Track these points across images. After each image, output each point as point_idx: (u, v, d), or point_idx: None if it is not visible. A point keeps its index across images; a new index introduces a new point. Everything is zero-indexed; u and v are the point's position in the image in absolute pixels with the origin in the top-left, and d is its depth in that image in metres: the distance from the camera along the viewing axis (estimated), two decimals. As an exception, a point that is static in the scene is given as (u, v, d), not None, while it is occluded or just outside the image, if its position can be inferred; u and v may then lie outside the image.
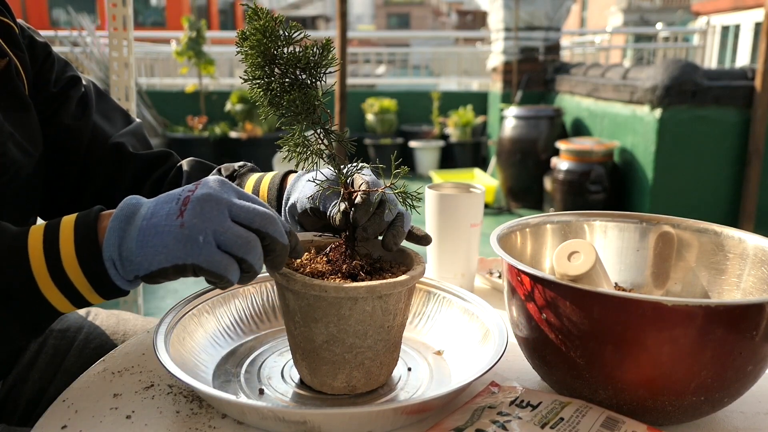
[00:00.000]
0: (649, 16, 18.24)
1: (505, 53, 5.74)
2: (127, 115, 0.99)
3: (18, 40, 0.83)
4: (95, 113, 0.92)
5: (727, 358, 0.58)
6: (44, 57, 0.89)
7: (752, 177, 3.82)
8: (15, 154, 0.79)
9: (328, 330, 0.65)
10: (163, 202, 0.59)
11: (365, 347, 0.66)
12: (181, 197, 0.59)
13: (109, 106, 0.96)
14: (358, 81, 8.57)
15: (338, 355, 0.66)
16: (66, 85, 0.90)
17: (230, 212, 0.58)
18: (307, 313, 0.65)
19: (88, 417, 0.64)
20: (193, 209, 0.57)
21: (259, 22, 0.63)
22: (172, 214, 0.58)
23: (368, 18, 37.81)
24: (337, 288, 0.63)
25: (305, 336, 0.67)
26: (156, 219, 0.58)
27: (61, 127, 0.88)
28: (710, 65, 8.75)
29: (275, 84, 0.65)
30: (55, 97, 0.89)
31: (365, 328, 0.65)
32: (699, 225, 0.81)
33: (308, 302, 0.64)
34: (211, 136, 6.33)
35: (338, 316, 0.64)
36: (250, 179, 0.88)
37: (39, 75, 0.88)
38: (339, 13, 4.40)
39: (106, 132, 0.92)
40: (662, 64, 3.88)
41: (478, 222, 1.02)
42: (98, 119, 0.92)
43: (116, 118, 0.96)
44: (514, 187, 5.12)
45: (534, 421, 0.59)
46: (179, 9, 12.44)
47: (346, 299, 0.63)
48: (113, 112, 0.97)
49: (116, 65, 1.92)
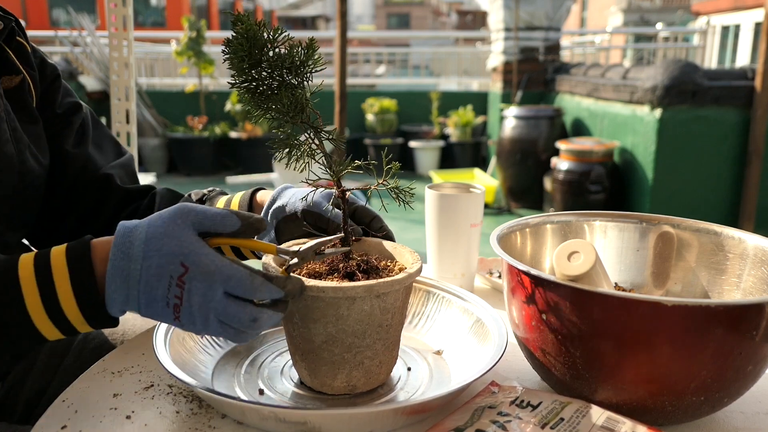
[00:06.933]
0: (649, 16, 18.24)
1: (505, 53, 5.74)
2: (119, 145, 1.02)
3: (30, 60, 0.88)
4: (90, 143, 0.95)
5: (727, 358, 0.58)
6: (53, 78, 0.93)
7: (752, 177, 3.81)
8: (32, 163, 0.84)
9: (326, 330, 0.65)
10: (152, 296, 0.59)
11: (364, 346, 0.66)
12: (170, 303, 0.59)
13: (102, 135, 1.00)
14: (358, 81, 8.57)
15: (337, 355, 0.66)
16: (69, 110, 0.94)
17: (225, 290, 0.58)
18: (305, 315, 0.65)
19: (88, 417, 0.64)
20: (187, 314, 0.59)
21: (242, 26, 0.63)
22: (167, 317, 0.60)
23: (368, 18, 37.81)
24: (335, 288, 0.63)
25: (304, 337, 0.67)
26: (150, 311, 0.60)
27: (61, 152, 0.91)
28: (710, 65, 8.75)
29: (262, 86, 0.66)
30: (59, 119, 0.92)
31: (364, 328, 0.65)
32: (699, 225, 0.81)
33: (306, 303, 0.64)
34: (211, 136, 6.33)
35: (336, 316, 0.64)
36: (219, 201, 0.91)
37: (46, 94, 0.91)
38: (339, 13, 4.40)
39: (98, 163, 0.95)
40: (662, 64, 3.88)
41: (478, 222, 1.02)
42: (92, 149, 0.95)
43: (108, 148, 1.00)
44: (514, 187, 5.12)
45: (534, 421, 0.59)
46: (179, 9, 12.44)
47: (343, 299, 0.63)
48: (106, 142, 1.00)
49: (116, 65, 1.92)
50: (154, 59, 7.71)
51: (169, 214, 0.61)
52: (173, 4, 12.89)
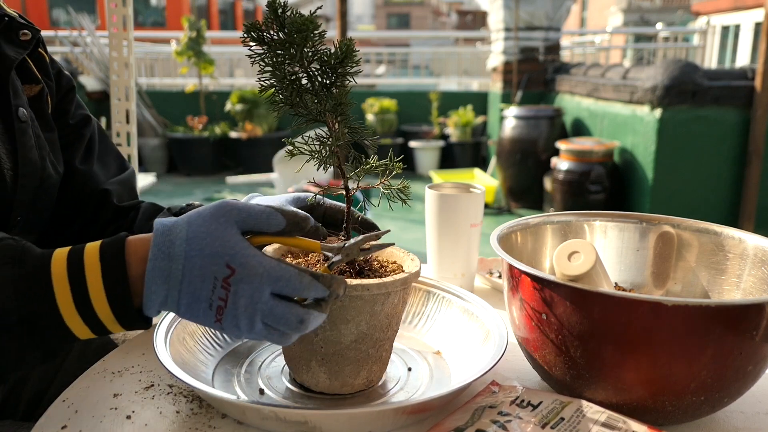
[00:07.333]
0: (649, 16, 18.24)
1: (505, 53, 5.73)
2: (122, 159, 1.02)
3: (48, 70, 0.90)
4: (96, 160, 0.96)
5: (727, 358, 0.58)
6: (68, 89, 0.94)
7: (752, 177, 3.81)
8: (50, 170, 0.86)
9: (358, 329, 0.65)
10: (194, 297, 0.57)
11: (385, 339, 0.68)
12: (213, 305, 0.57)
13: (107, 149, 1.00)
14: (358, 81, 8.53)
15: (363, 352, 0.67)
16: (80, 121, 0.95)
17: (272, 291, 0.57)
18: (337, 316, 0.64)
19: (88, 417, 0.64)
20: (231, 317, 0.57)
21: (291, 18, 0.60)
22: (208, 320, 0.58)
23: (368, 18, 37.81)
24: (379, 285, 0.63)
25: (330, 340, 0.66)
26: (190, 312, 0.58)
27: (69, 165, 0.92)
28: (710, 65, 8.75)
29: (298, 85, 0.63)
30: (71, 129, 0.93)
31: (389, 321, 0.67)
32: (699, 225, 0.81)
33: (342, 304, 0.64)
34: (211, 136, 6.33)
35: (371, 313, 0.65)
36: None
37: (61, 104, 0.93)
38: (339, 13, 4.40)
39: (100, 179, 0.95)
40: (662, 64, 3.88)
41: (478, 222, 1.02)
42: (96, 166, 0.96)
43: (111, 163, 1.00)
44: (514, 187, 5.12)
45: (534, 421, 0.59)
46: (179, 9, 12.44)
47: (380, 295, 0.64)
48: (110, 157, 1.00)
49: (116, 65, 1.92)
50: (154, 59, 7.71)
51: (210, 212, 0.59)
52: (173, 4, 12.89)
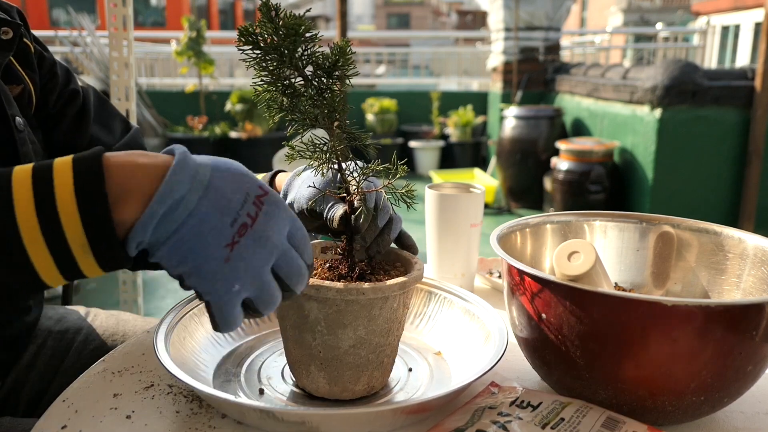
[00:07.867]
0: (649, 16, 18.24)
1: (505, 53, 5.73)
2: (126, 121, 1.00)
3: (32, 61, 0.86)
4: (94, 124, 0.94)
5: (727, 358, 0.58)
6: (49, 76, 0.90)
7: (752, 177, 3.81)
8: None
9: (356, 334, 0.64)
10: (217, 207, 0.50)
11: (386, 344, 0.67)
12: (238, 221, 0.51)
13: (109, 113, 0.98)
14: (358, 81, 8.56)
15: (363, 357, 0.66)
16: (65, 101, 0.92)
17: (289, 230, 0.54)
18: (334, 320, 0.64)
19: (88, 417, 0.63)
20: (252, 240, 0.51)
21: (283, 21, 0.59)
22: (222, 239, 0.50)
23: (368, 18, 37.80)
24: (375, 288, 0.62)
25: (328, 345, 0.65)
26: (202, 228, 0.50)
27: (54, 144, 0.90)
28: (710, 65, 8.75)
29: (292, 89, 0.62)
30: (51, 117, 0.91)
31: (389, 325, 0.66)
32: (699, 225, 0.81)
33: (338, 308, 0.63)
34: (211, 136, 6.33)
35: (369, 318, 0.64)
36: None
37: (41, 93, 0.90)
38: (339, 13, 4.40)
39: (103, 142, 0.93)
40: (662, 64, 3.88)
41: (478, 222, 1.02)
42: (96, 130, 0.94)
43: (115, 126, 0.98)
44: (514, 187, 5.12)
45: (534, 422, 0.59)
46: (179, 9, 12.43)
47: (377, 299, 0.63)
48: (113, 120, 0.98)
49: (116, 65, 1.92)
50: (154, 59, 7.71)
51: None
52: (173, 4, 12.88)
